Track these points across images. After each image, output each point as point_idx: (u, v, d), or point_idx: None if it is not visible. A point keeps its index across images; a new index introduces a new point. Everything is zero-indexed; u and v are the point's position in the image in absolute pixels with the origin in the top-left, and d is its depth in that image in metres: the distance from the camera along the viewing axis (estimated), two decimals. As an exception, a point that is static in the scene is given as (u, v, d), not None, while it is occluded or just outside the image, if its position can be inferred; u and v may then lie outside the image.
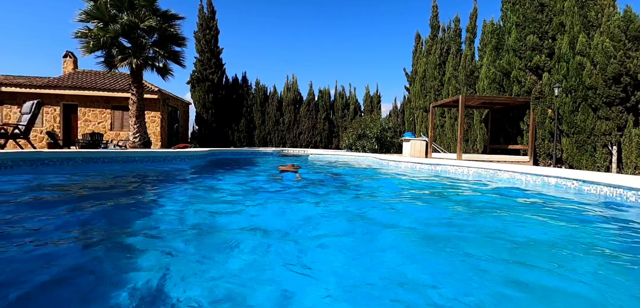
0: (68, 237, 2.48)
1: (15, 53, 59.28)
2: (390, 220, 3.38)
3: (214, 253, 2.22)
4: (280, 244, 2.44)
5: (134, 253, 2.19)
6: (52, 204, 3.57)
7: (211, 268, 1.95)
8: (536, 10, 9.62)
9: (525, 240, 2.70)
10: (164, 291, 1.64)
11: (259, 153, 14.74)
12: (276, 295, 1.65)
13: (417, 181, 6.59)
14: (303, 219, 3.29)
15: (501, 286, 1.83)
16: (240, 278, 1.84)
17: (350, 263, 2.15)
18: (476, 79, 12.76)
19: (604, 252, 2.41)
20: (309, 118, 20.08)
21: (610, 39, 7.49)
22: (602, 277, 1.97)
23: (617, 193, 4.28)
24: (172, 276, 1.82)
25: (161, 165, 8.32)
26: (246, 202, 4.18)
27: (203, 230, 2.81)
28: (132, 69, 11.21)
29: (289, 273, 1.92)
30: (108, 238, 2.49)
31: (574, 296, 1.73)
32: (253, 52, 51.09)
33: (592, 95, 7.88)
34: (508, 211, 3.92)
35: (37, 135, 15.46)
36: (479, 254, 2.30)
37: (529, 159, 9.84)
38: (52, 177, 5.35)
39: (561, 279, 1.93)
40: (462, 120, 10.15)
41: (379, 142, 15.33)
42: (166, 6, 11.48)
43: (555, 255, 2.33)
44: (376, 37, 44.86)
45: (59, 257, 2.08)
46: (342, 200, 4.54)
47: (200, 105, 19.09)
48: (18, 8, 44.30)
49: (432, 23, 16.30)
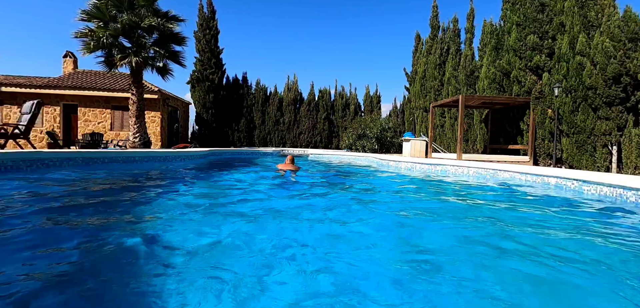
0: (119, 226, 2.48)
1: (15, 53, 59.34)
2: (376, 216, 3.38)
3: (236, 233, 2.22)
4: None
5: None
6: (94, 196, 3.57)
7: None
8: (536, 10, 9.62)
9: (519, 238, 2.70)
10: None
11: (259, 153, 14.74)
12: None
13: (416, 179, 6.59)
14: (296, 207, 3.29)
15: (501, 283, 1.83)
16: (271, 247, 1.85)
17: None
18: (476, 79, 12.76)
19: (600, 251, 2.41)
20: (309, 118, 20.08)
21: (610, 39, 7.49)
22: (597, 276, 1.97)
23: (617, 193, 4.28)
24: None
25: (162, 165, 8.32)
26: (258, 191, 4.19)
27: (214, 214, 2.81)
28: (132, 68, 11.21)
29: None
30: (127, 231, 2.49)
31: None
32: (253, 52, 51.14)
33: (592, 95, 7.88)
34: (503, 208, 3.92)
35: (37, 135, 15.47)
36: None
37: (529, 159, 9.84)
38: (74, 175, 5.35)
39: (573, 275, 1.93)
40: (462, 120, 10.15)
41: (379, 142, 15.33)
42: (166, 7, 11.50)
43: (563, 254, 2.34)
44: (376, 37, 44.93)
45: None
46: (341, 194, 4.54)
47: (200, 105, 19.09)
48: (18, 8, 44.33)
49: (432, 23, 16.30)
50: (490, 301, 1.65)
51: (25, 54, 61.37)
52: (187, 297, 1.60)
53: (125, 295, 1.63)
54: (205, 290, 1.68)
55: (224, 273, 1.90)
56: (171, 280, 1.80)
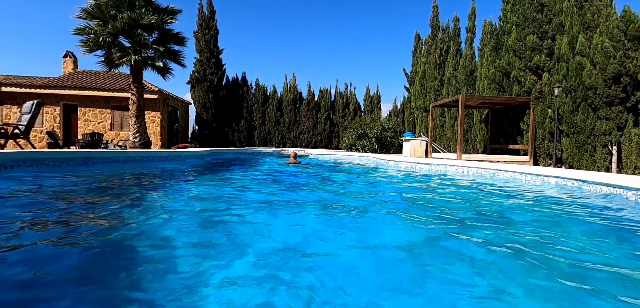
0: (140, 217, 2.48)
1: (15, 53, 59.31)
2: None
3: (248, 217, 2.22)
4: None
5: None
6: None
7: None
8: (536, 10, 9.63)
9: (514, 236, 2.70)
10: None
11: (259, 153, 14.75)
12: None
13: (416, 179, 6.59)
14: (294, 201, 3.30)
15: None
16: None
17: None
18: (476, 78, 12.76)
19: (600, 251, 2.41)
20: (309, 118, 20.09)
21: (610, 39, 7.50)
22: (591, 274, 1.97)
23: (617, 193, 4.28)
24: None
25: (162, 165, 8.32)
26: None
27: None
28: (132, 68, 11.22)
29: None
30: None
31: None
32: (253, 52, 51.06)
33: (592, 95, 7.89)
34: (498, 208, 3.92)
35: (37, 135, 15.46)
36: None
37: (529, 159, 9.85)
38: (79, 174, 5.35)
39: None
40: (462, 120, 10.16)
41: (379, 142, 15.34)
42: (165, 5, 11.53)
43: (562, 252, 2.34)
44: (376, 37, 44.89)
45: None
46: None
47: (200, 105, 19.09)
48: (18, 8, 44.31)
49: (433, 23, 16.31)
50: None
51: (25, 54, 61.34)
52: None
53: (129, 289, 1.63)
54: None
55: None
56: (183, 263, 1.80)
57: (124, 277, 1.85)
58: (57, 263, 2.01)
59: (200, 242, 2.54)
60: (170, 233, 2.66)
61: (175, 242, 2.45)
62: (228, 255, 2.21)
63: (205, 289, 1.68)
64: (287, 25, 44.64)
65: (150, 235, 2.58)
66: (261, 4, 42.39)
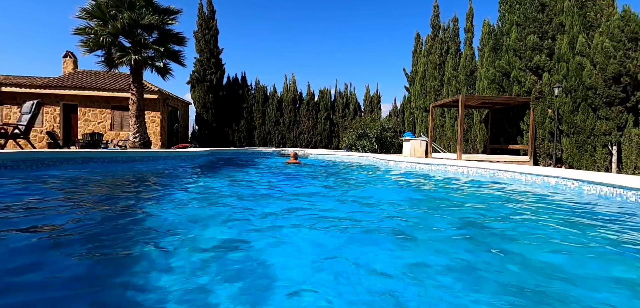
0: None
1: (15, 53, 59.30)
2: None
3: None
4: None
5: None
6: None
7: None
8: (536, 10, 9.62)
9: (511, 235, 2.71)
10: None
11: (259, 153, 14.76)
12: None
13: (415, 178, 6.59)
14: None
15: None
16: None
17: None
18: (476, 79, 12.76)
19: (599, 249, 2.41)
20: (309, 118, 20.09)
21: (610, 39, 7.49)
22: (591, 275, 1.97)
23: (617, 193, 4.28)
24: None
25: (162, 164, 8.31)
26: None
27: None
28: (132, 67, 11.22)
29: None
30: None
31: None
32: (253, 52, 51.00)
33: (592, 95, 7.89)
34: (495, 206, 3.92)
35: (37, 135, 15.46)
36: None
37: (529, 159, 9.84)
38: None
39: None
40: (462, 120, 10.15)
41: (379, 142, 15.34)
42: (165, 5, 11.55)
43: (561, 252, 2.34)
44: (376, 37, 44.85)
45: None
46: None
47: (200, 105, 19.09)
48: (18, 8, 44.30)
49: (433, 23, 16.30)
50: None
51: (25, 54, 61.32)
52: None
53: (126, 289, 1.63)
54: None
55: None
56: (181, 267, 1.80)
57: (124, 276, 1.85)
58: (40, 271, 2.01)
59: (200, 242, 2.54)
60: (170, 232, 2.66)
61: (175, 244, 2.45)
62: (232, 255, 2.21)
63: (205, 294, 1.68)
64: (287, 25, 44.63)
65: (150, 235, 2.58)
66: (261, 4, 42.39)
